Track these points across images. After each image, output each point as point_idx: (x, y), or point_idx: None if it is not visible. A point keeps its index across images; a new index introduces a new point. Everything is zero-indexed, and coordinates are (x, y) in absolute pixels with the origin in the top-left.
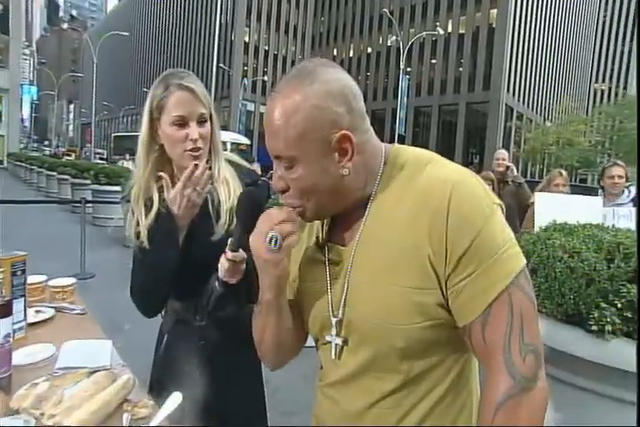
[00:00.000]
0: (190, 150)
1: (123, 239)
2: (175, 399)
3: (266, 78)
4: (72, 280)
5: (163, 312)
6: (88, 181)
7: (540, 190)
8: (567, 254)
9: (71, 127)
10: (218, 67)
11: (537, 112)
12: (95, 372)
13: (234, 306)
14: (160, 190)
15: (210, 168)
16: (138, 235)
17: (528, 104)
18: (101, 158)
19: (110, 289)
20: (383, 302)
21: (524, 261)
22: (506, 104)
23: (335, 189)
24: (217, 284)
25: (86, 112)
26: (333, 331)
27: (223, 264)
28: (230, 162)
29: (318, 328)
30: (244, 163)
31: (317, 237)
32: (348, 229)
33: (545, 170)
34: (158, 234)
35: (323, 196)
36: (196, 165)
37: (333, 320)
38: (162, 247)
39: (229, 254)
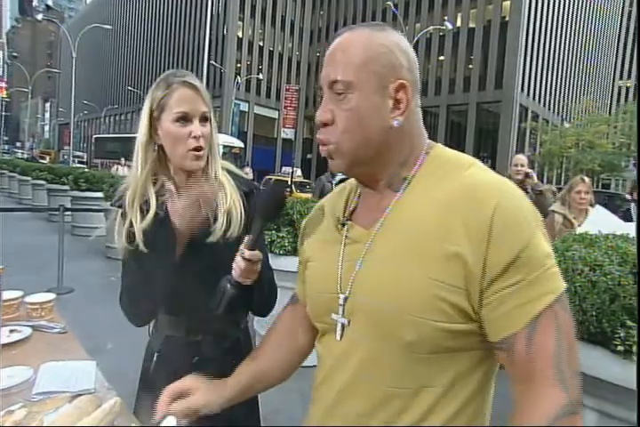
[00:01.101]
0: (193, 149)
1: (104, 250)
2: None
3: (260, 76)
4: (51, 296)
5: (151, 329)
6: (66, 187)
7: (562, 198)
8: (588, 267)
9: (47, 128)
10: (209, 64)
11: (554, 112)
12: (78, 396)
13: (244, 310)
14: (158, 193)
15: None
16: (129, 238)
17: (544, 103)
18: (81, 162)
19: (91, 305)
20: (399, 286)
21: (565, 283)
22: (520, 104)
23: (376, 141)
24: (229, 285)
25: (64, 111)
26: (340, 310)
27: (239, 264)
28: (227, 171)
29: (323, 309)
30: (240, 172)
31: (339, 217)
32: (373, 212)
33: (563, 175)
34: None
35: (363, 140)
36: (192, 158)
37: (341, 297)
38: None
39: (247, 253)
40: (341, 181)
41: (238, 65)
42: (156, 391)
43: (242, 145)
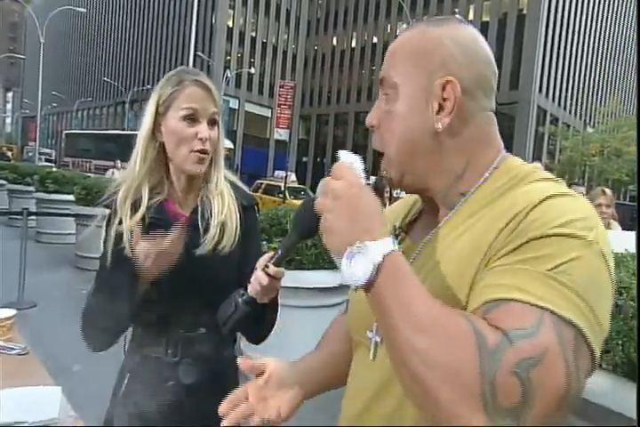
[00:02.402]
0: (198, 151)
1: (74, 259)
2: None
3: (252, 70)
4: (11, 312)
5: (126, 347)
6: (31, 188)
7: None
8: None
9: (8, 120)
10: (195, 55)
11: (576, 116)
12: None
13: (255, 330)
14: (151, 193)
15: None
16: (116, 240)
17: (565, 106)
18: (48, 160)
19: (56, 321)
20: None
21: (581, 322)
22: (538, 106)
23: (422, 146)
24: (241, 300)
25: (30, 103)
26: (374, 327)
27: (261, 280)
28: (229, 181)
29: (359, 323)
30: (241, 184)
31: (394, 226)
32: (426, 227)
33: (585, 186)
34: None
35: (406, 145)
36: (194, 160)
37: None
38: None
39: (271, 270)
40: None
41: (228, 57)
42: (124, 417)
43: (231, 146)
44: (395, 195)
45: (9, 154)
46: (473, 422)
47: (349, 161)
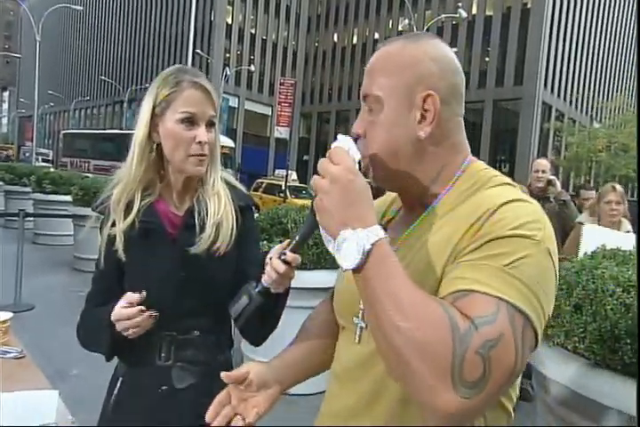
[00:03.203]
0: (196, 155)
1: (71, 261)
2: None
3: (252, 68)
4: (8, 315)
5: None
6: (28, 189)
7: (591, 208)
8: (621, 288)
9: (5, 120)
10: (194, 53)
11: (582, 111)
12: None
13: (264, 325)
14: (143, 196)
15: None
16: (110, 242)
17: (570, 101)
18: (45, 160)
19: (54, 324)
20: None
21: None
22: (542, 101)
23: (405, 153)
24: (254, 291)
25: (26, 103)
26: (360, 313)
27: (277, 267)
28: (225, 182)
29: (346, 309)
30: (239, 184)
31: None
32: (402, 226)
33: (592, 182)
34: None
35: (391, 152)
36: (193, 164)
37: (362, 301)
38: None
39: (289, 256)
40: None
41: (227, 55)
42: (119, 421)
43: (232, 145)
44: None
45: (8, 152)
46: (442, 391)
47: (347, 146)
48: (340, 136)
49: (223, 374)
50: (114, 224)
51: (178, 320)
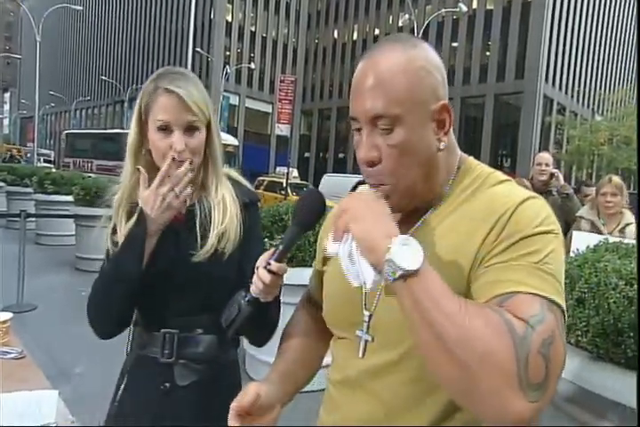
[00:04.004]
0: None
1: (73, 261)
2: None
3: (252, 66)
4: (8, 315)
5: (128, 347)
6: (29, 190)
7: (591, 201)
8: (624, 281)
9: (6, 122)
10: (194, 51)
11: (583, 104)
12: None
13: (259, 331)
14: None
15: (193, 170)
16: (114, 245)
17: (572, 94)
18: (47, 161)
19: (56, 324)
20: None
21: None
22: (544, 95)
23: (429, 170)
24: (244, 302)
25: (27, 104)
26: (364, 326)
27: (263, 277)
28: (229, 178)
29: (346, 323)
30: (243, 180)
31: None
32: (403, 225)
33: (594, 175)
34: (125, 238)
35: (417, 173)
36: (174, 160)
37: (365, 314)
38: (123, 252)
39: (274, 266)
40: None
41: (227, 53)
42: (122, 417)
43: (236, 143)
44: None
45: (14, 153)
46: (512, 398)
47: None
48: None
49: (234, 406)
50: (115, 230)
51: (180, 318)
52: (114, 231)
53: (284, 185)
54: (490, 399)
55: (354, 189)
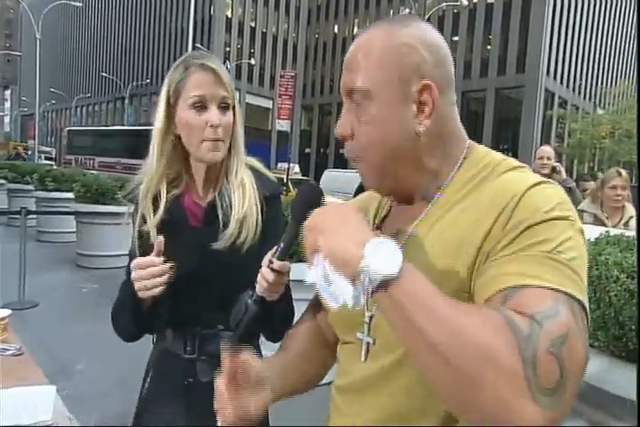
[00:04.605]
0: (208, 140)
1: (75, 258)
2: None
3: (253, 61)
4: (6, 312)
5: (153, 340)
6: (30, 187)
7: (593, 194)
8: (625, 274)
9: (7, 119)
10: (194, 47)
11: (585, 97)
12: None
13: (268, 329)
14: (169, 187)
15: (170, 273)
16: (143, 237)
17: (574, 88)
18: (49, 158)
19: (58, 321)
20: None
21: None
22: (545, 89)
23: (404, 151)
24: (251, 301)
25: (27, 101)
26: (365, 328)
27: (266, 276)
28: (251, 168)
29: (346, 325)
30: (267, 171)
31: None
32: (403, 223)
33: (596, 168)
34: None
35: (388, 153)
36: (207, 149)
37: (366, 315)
38: (122, 301)
39: (276, 264)
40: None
41: (227, 49)
42: (149, 410)
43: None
44: None
45: (20, 151)
46: (521, 406)
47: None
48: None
49: (225, 367)
50: (144, 219)
51: (201, 314)
52: (143, 221)
53: (285, 181)
54: (496, 408)
55: (360, 187)
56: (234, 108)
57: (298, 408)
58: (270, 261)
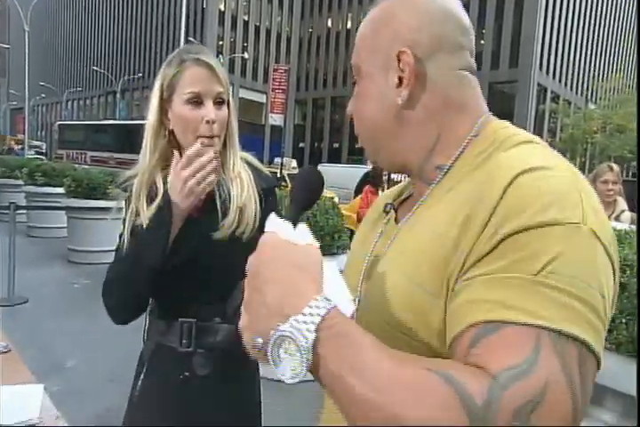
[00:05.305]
0: (204, 137)
1: (66, 253)
2: None
3: (246, 55)
4: None
5: (145, 336)
6: (20, 182)
7: None
8: None
9: None
10: (187, 40)
11: (577, 92)
12: None
13: None
14: (165, 181)
15: (218, 158)
16: (133, 229)
17: (566, 83)
18: (39, 153)
19: (48, 317)
20: (387, 297)
21: (595, 344)
22: (538, 83)
23: (387, 124)
24: None
25: (17, 94)
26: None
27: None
28: (247, 163)
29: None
30: (261, 166)
31: (386, 204)
32: (410, 206)
33: (588, 163)
34: (149, 222)
35: (372, 127)
36: (203, 144)
37: (356, 299)
38: (147, 237)
39: None
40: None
41: (220, 42)
42: (143, 404)
43: None
44: (393, 176)
45: (12, 145)
46: None
47: (272, 230)
48: (267, 222)
49: None
50: (138, 213)
51: (198, 307)
52: (136, 215)
53: (279, 175)
54: None
55: (362, 181)
56: (228, 102)
57: (290, 403)
58: None
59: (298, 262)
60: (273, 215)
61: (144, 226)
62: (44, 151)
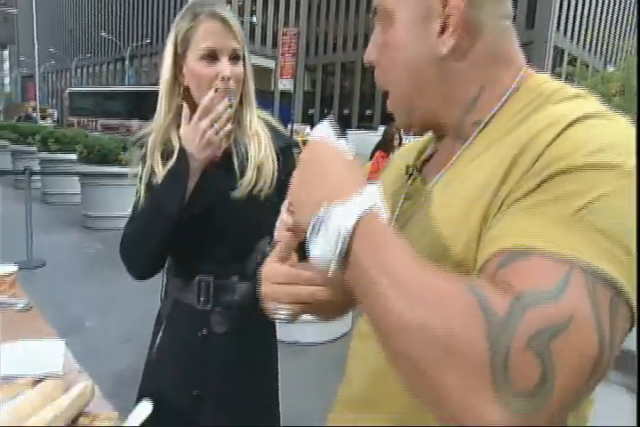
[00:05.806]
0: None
1: (81, 219)
2: (143, 410)
3: (254, 19)
4: (13, 268)
5: (162, 294)
6: (33, 148)
7: None
8: None
9: (7, 80)
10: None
11: (595, 54)
12: (42, 380)
13: None
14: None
15: (232, 106)
16: (148, 187)
17: (584, 44)
18: (54, 121)
19: (65, 280)
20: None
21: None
22: (555, 45)
23: (430, 76)
24: (268, 249)
25: (27, 61)
26: None
27: (287, 221)
28: (263, 120)
29: None
30: (279, 125)
31: (407, 166)
32: (439, 165)
33: None
34: (166, 175)
35: (411, 82)
36: (217, 92)
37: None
38: (164, 190)
39: None
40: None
41: (228, 6)
42: (161, 361)
43: None
44: (404, 141)
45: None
46: (484, 410)
47: (322, 135)
48: (316, 128)
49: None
50: (153, 170)
51: (216, 264)
52: (151, 173)
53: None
54: (453, 410)
55: (376, 148)
56: (244, 58)
57: (302, 365)
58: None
59: (348, 164)
60: (326, 122)
61: (159, 182)
62: (55, 118)
